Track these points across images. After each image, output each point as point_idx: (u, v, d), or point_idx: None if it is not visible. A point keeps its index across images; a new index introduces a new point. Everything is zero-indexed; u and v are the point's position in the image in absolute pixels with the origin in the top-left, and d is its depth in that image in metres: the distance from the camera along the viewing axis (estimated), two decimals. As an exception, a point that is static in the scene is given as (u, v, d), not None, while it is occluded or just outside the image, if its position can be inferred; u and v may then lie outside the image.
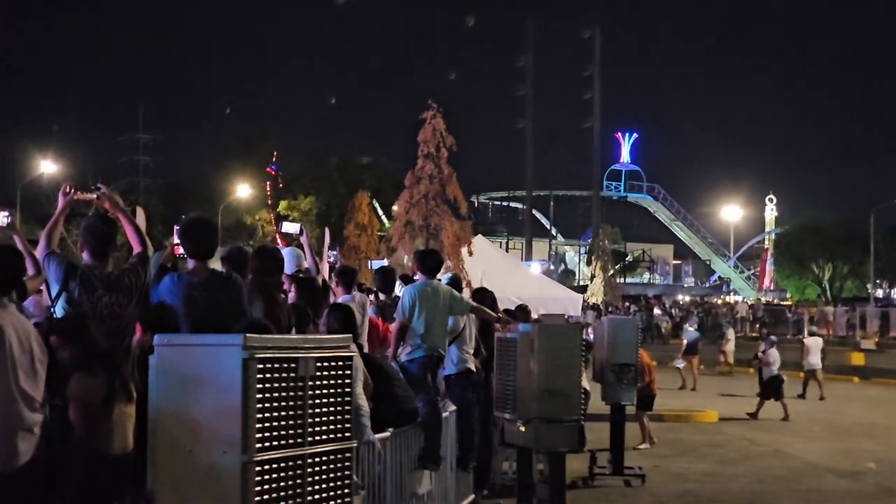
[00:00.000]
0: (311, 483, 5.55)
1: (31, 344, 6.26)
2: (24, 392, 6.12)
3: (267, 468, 5.27)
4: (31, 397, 6.17)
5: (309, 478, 5.54)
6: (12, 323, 6.15)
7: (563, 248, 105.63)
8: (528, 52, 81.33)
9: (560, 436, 11.47)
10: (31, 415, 6.15)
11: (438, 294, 11.95)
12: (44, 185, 61.75)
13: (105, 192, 7.98)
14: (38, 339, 6.33)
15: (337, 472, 5.69)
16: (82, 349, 6.39)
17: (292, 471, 5.41)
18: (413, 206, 29.44)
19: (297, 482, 5.47)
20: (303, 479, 5.50)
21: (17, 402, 6.06)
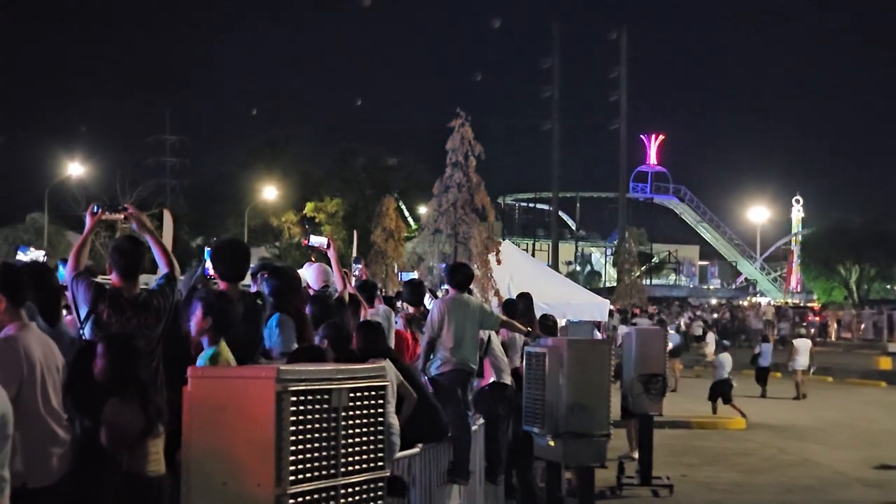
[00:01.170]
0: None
1: (56, 363, 6.36)
2: (54, 410, 6.24)
3: (300, 500, 5.27)
4: (61, 415, 6.29)
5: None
6: (37, 342, 6.24)
7: (588, 249, 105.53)
8: (554, 54, 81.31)
9: (589, 450, 11.49)
10: (63, 432, 6.27)
11: (468, 308, 11.95)
12: (71, 186, 62.05)
13: (132, 213, 7.97)
14: (61, 359, 6.42)
15: (370, 502, 5.70)
16: (122, 371, 6.42)
17: (325, 502, 5.42)
18: (441, 214, 29.43)
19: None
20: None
21: (49, 419, 6.18)
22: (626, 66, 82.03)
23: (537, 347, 11.94)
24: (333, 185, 79.17)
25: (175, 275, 7.76)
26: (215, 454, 5.36)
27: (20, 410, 5.83)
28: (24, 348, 6.10)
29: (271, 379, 5.20)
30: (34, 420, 6.07)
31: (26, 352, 6.10)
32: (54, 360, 6.35)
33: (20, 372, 6.03)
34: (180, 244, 50.47)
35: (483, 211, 29.27)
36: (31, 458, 6.04)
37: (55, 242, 61.80)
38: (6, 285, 6.21)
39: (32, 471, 6.05)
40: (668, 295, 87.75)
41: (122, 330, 7.12)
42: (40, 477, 6.12)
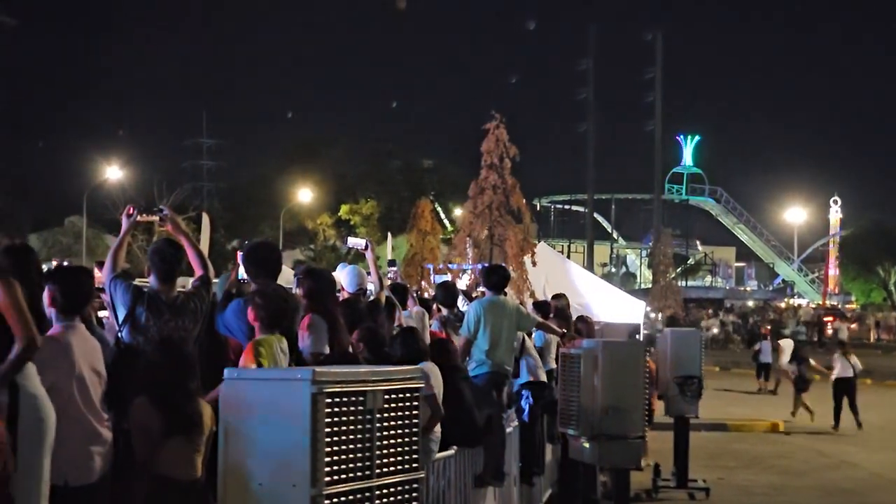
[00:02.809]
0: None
1: (99, 363, 6.43)
2: (96, 409, 6.32)
3: (336, 501, 5.31)
4: (102, 415, 6.37)
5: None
6: (81, 342, 6.32)
7: (624, 251, 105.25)
8: (590, 56, 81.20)
9: (624, 453, 11.45)
10: (104, 431, 6.35)
11: (505, 309, 11.98)
12: (110, 190, 62.44)
13: (167, 215, 8.02)
14: (101, 358, 6.49)
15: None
16: (157, 374, 6.47)
17: (361, 503, 5.45)
18: (477, 216, 29.51)
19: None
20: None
21: (90, 418, 6.25)
22: (661, 67, 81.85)
23: (572, 349, 11.94)
24: (368, 188, 79.37)
25: (210, 277, 7.81)
26: (251, 456, 5.40)
27: (62, 410, 5.90)
28: (66, 347, 6.16)
29: (307, 381, 5.23)
30: (75, 419, 6.14)
31: (67, 351, 6.16)
32: (97, 361, 6.43)
33: (58, 370, 6.08)
34: (216, 246, 50.63)
35: (518, 213, 29.35)
36: (73, 456, 6.11)
37: (93, 246, 62.28)
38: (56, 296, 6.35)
39: (74, 469, 6.12)
40: (704, 297, 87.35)
41: (159, 332, 7.18)
42: (81, 475, 6.19)
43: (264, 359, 6.94)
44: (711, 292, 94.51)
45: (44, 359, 5.93)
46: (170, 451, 6.30)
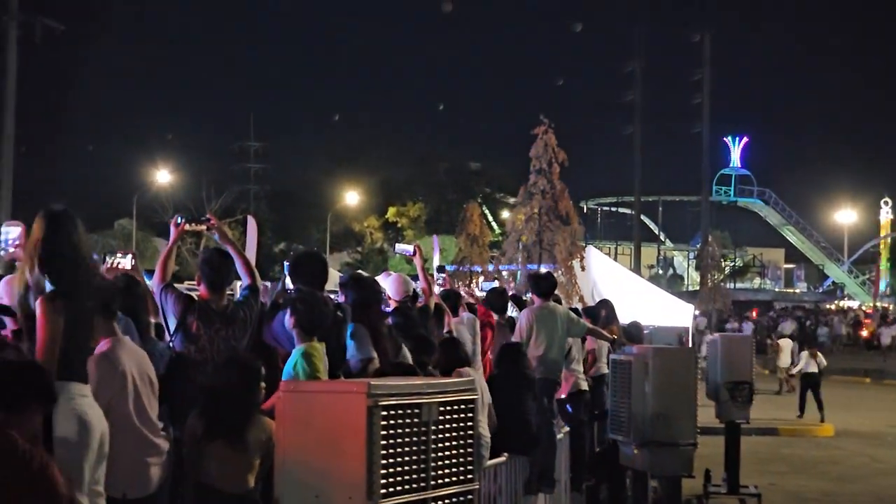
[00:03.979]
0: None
1: (149, 374, 6.44)
2: (150, 421, 6.35)
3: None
4: (157, 426, 6.39)
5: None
6: (130, 354, 6.32)
7: (671, 253, 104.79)
8: (636, 57, 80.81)
9: (675, 460, 11.42)
10: (159, 442, 6.37)
11: (555, 316, 12.00)
12: (159, 193, 62.90)
13: (215, 224, 8.06)
14: (151, 369, 6.50)
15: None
16: (211, 385, 6.52)
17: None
18: (526, 221, 29.53)
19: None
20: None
21: (144, 430, 6.27)
22: (709, 68, 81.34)
23: (622, 355, 11.91)
24: (416, 190, 79.45)
25: (257, 286, 7.84)
26: (307, 467, 5.41)
27: (116, 424, 5.93)
28: (118, 363, 6.18)
29: (362, 394, 5.24)
30: (130, 432, 6.17)
31: (119, 366, 6.17)
32: (148, 372, 6.43)
33: (112, 387, 6.10)
34: (263, 249, 50.87)
35: (567, 217, 29.31)
36: (130, 469, 6.15)
37: (142, 248, 62.68)
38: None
39: (132, 482, 6.15)
40: (753, 299, 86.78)
41: (210, 342, 7.22)
42: (140, 487, 6.23)
43: (319, 364, 6.97)
44: (760, 294, 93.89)
45: (98, 377, 5.97)
46: (215, 461, 6.33)
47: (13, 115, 41.80)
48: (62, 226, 5.97)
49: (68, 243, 5.93)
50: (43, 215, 5.98)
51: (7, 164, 41.79)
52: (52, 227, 5.94)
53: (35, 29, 43.39)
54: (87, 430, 5.59)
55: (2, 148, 41.94)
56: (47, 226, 5.94)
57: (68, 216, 6.05)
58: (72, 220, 6.03)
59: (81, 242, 6.03)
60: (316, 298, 7.40)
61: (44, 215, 5.98)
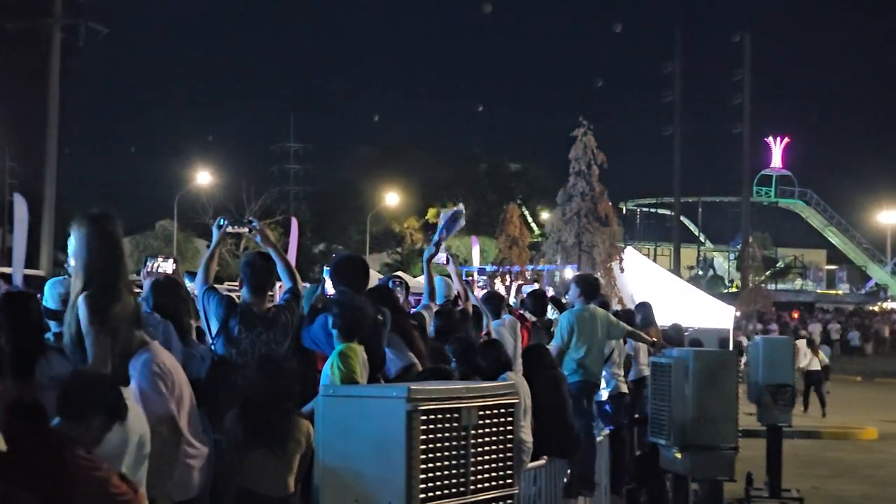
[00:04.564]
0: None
1: (185, 377, 6.41)
2: (192, 424, 6.32)
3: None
4: (198, 429, 6.38)
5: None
6: (167, 359, 6.28)
7: (711, 254, 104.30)
8: (676, 58, 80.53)
9: (716, 463, 11.37)
10: (200, 445, 6.35)
11: (596, 319, 11.97)
12: (200, 194, 63.16)
13: (257, 227, 8.08)
14: (184, 374, 6.45)
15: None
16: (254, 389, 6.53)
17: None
18: (565, 223, 29.53)
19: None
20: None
21: (188, 433, 6.24)
22: (749, 68, 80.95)
23: (663, 358, 11.86)
24: (455, 191, 79.39)
25: (298, 290, 7.83)
26: (346, 471, 5.43)
27: (157, 431, 5.92)
28: (159, 369, 6.14)
29: (402, 398, 5.25)
30: (178, 434, 6.12)
31: (160, 372, 6.13)
32: (184, 376, 6.40)
33: (156, 393, 6.06)
34: (302, 250, 51.02)
35: (606, 219, 29.27)
36: (180, 470, 6.11)
37: (183, 250, 63.04)
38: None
39: (177, 486, 6.13)
40: (794, 300, 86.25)
41: (251, 345, 7.24)
42: (184, 491, 6.21)
43: (355, 366, 6.96)
44: (802, 296, 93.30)
45: (146, 384, 5.97)
46: (255, 465, 6.35)
47: (57, 117, 42.09)
48: (108, 229, 5.96)
49: (114, 246, 5.94)
50: (88, 220, 5.97)
51: (50, 166, 42.07)
52: (98, 231, 5.92)
53: (79, 32, 43.67)
54: (125, 432, 5.59)
55: (45, 149, 42.22)
56: (94, 230, 5.92)
57: (111, 219, 6.05)
58: (115, 223, 6.04)
59: (122, 244, 6.05)
60: (355, 301, 7.40)
61: (89, 220, 5.97)
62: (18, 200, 19.28)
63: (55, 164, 42.37)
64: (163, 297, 7.18)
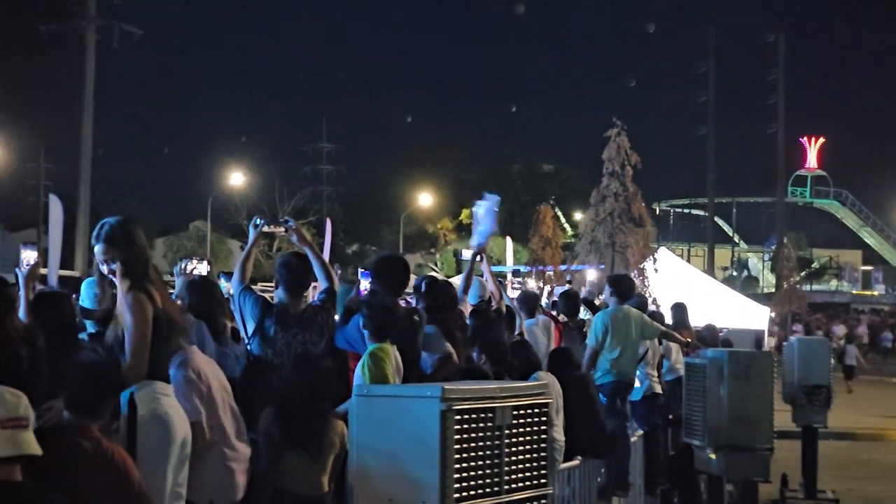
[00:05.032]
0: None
1: (223, 379, 6.42)
2: (233, 427, 6.30)
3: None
4: (238, 430, 6.34)
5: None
6: (204, 363, 6.29)
7: (745, 254, 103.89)
8: (710, 58, 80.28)
9: (751, 464, 11.31)
10: (242, 447, 6.33)
11: (630, 319, 11.95)
12: (233, 195, 63.39)
13: (293, 226, 8.08)
14: (223, 375, 6.47)
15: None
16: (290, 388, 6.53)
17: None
18: (598, 224, 29.48)
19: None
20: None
21: (228, 436, 6.23)
22: (783, 68, 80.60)
23: (697, 359, 11.82)
24: (489, 192, 79.35)
25: (335, 289, 7.83)
26: (381, 471, 5.43)
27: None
28: (198, 371, 6.15)
29: (436, 398, 5.24)
30: (214, 442, 6.12)
31: (200, 374, 6.14)
32: (222, 379, 6.41)
33: (196, 395, 6.06)
34: (335, 251, 51.14)
35: (639, 219, 29.20)
36: (216, 477, 6.11)
37: (217, 250, 63.29)
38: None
39: (219, 490, 6.13)
40: (830, 301, 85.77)
41: (287, 346, 7.24)
42: (226, 494, 6.20)
43: (387, 366, 6.96)
44: (837, 297, 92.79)
45: (183, 385, 5.96)
46: (290, 465, 6.35)
47: (91, 118, 42.34)
48: (135, 232, 5.96)
49: (143, 248, 5.94)
50: (114, 228, 5.95)
51: (85, 167, 42.34)
52: (128, 235, 5.93)
53: (113, 34, 43.93)
54: (169, 430, 5.56)
55: (80, 150, 42.49)
56: (124, 234, 5.92)
57: (136, 222, 6.06)
58: (138, 227, 6.04)
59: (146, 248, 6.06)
60: (386, 302, 7.40)
61: (115, 228, 5.96)
62: (54, 201, 19.36)
63: (90, 166, 42.62)
64: (197, 297, 7.21)
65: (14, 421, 4.12)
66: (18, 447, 4.11)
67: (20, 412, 4.16)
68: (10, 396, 4.18)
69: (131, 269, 5.80)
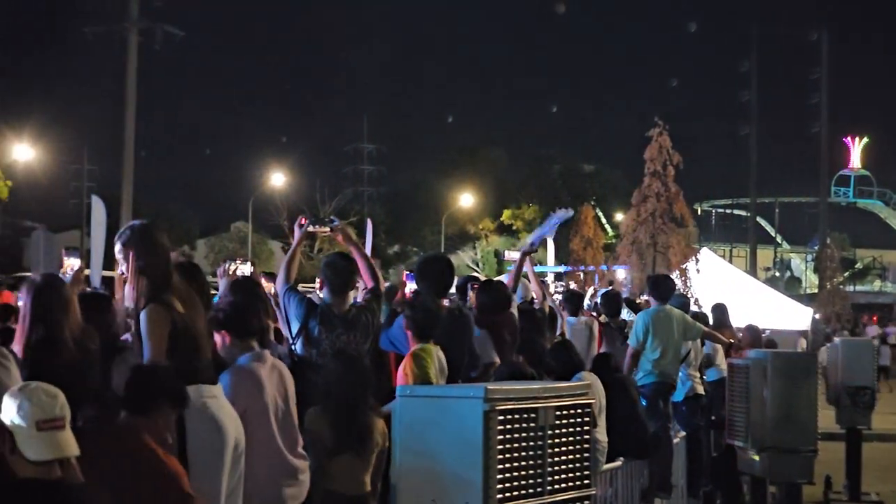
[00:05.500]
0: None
1: (288, 389, 6.33)
2: (288, 438, 6.22)
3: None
4: (293, 443, 6.26)
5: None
6: (270, 372, 6.23)
7: (788, 255, 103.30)
8: (752, 57, 79.90)
9: (795, 466, 11.25)
10: (296, 461, 6.24)
11: (671, 320, 11.91)
12: (274, 196, 63.60)
13: (339, 225, 8.09)
14: (291, 382, 6.40)
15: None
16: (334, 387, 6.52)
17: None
18: (640, 224, 29.40)
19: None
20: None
21: (280, 451, 6.15)
22: (826, 67, 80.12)
23: (740, 360, 11.76)
24: (530, 192, 79.25)
25: (380, 290, 7.83)
26: (424, 471, 5.44)
27: (257, 443, 5.90)
28: (255, 378, 6.09)
29: (479, 398, 5.24)
30: (267, 449, 6.07)
31: (257, 382, 6.08)
32: (287, 387, 6.31)
33: (247, 401, 6.01)
34: (377, 251, 51.23)
35: (681, 220, 29.11)
36: (264, 488, 6.04)
37: (258, 251, 63.51)
38: (228, 322, 6.23)
39: (269, 500, 6.07)
40: (874, 302, 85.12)
41: (331, 346, 7.23)
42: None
43: (429, 367, 6.96)
44: (881, 297, 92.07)
45: (234, 389, 5.93)
46: (339, 465, 6.34)
47: (133, 119, 42.61)
48: (155, 238, 5.92)
49: (163, 254, 5.90)
50: (134, 232, 5.90)
51: (128, 168, 42.59)
52: (146, 241, 5.87)
53: (155, 35, 44.21)
54: (221, 433, 5.55)
55: (123, 151, 42.76)
56: (141, 240, 5.85)
57: (156, 229, 6.04)
58: (160, 233, 6.01)
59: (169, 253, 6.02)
60: (428, 303, 7.41)
61: (135, 231, 5.90)
62: (96, 202, 19.49)
63: (132, 166, 42.86)
64: (240, 296, 7.22)
65: (50, 422, 4.12)
66: (57, 450, 4.11)
67: (56, 412, 4.15)
68: (45, 397, 4.17)
69: (150, 276, 5.75)
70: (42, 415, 4.11)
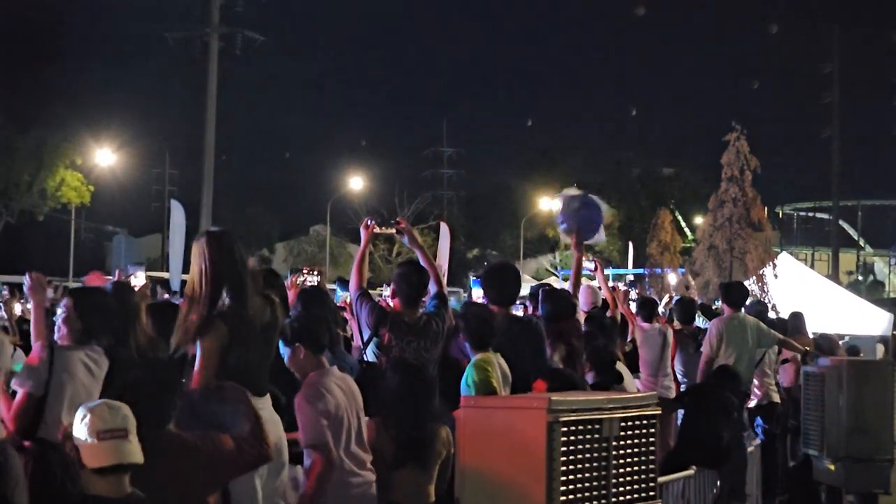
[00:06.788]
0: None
1: (357, 404, 6.32)
2: (355, 454, 6.21)
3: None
4: (362, 459, 6.25)
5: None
6: (338, 384, 6.22)
7: (871, 258, 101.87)
8: (834, 59, 78.97)
9: (872, 476, 11.10)
10: (363, 474, 6.23)
11: (745, 327, 11.82)
12: (353, 199, 63.91)
13: (404, 227, 8.14)
14: (360, 398, 6.38)
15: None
16: (394, 398, 6.54)
17: (597, 531, 5.44)
18: (717, 229, 29.19)
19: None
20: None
21: (350, 463, 6.15)
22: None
23: (815, 367, 11.63)
24: (609, 196, 78.85)
25: (444, 295, 7.85)
26: (488, 482, 5.46)
27: None
28: (326, 394, 6.08)
29: (542, 409, 5.25)
30: (337, 469, 6.04)
31: (327, 398, 6.08)
32: (355, 403, 6.30)
33: (319, 422, 5.99)
34: (456, 255, 51.30)
35: (759, 224, 28.83)
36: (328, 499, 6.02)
37: (336, 255, 63.83)
38: (300, 336, 6.23)
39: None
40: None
41: (401, 353, 7.28)
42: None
43: (490, 376, 6.98)
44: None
45: (306, 412, 5.95)
46: (402, 477, 6.34)
47: (214, 124, 43.06)
48: (228, 246, 5.96)
49: (237, 262, 5.95)
50: (208, 238, 5.95)
51: (208, 172, 43.04)
52: (218, 248, 5.91)
53: (236, 41, 44.66)
54: None
55: (203, 156, 43.23)
56: (214, 247, 5.90)
57: (231, 236, 6.09)
58: (236, 241, 6.05)
59: (245, 261, 6.05)
60: (481, 312, 7.44)
61: (209, 237, 5.95)
62: (176, 206, 19.76)
63: (212, 171, 43.32)
64: (311, 308, 7.28)
65: (111, 432, 4.28)
66: (118, 456, 4.26)
67: (118, 423, 4.33)
68: (107, 412, 4.35)
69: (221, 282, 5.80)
70: (102, 425, 4.27)
